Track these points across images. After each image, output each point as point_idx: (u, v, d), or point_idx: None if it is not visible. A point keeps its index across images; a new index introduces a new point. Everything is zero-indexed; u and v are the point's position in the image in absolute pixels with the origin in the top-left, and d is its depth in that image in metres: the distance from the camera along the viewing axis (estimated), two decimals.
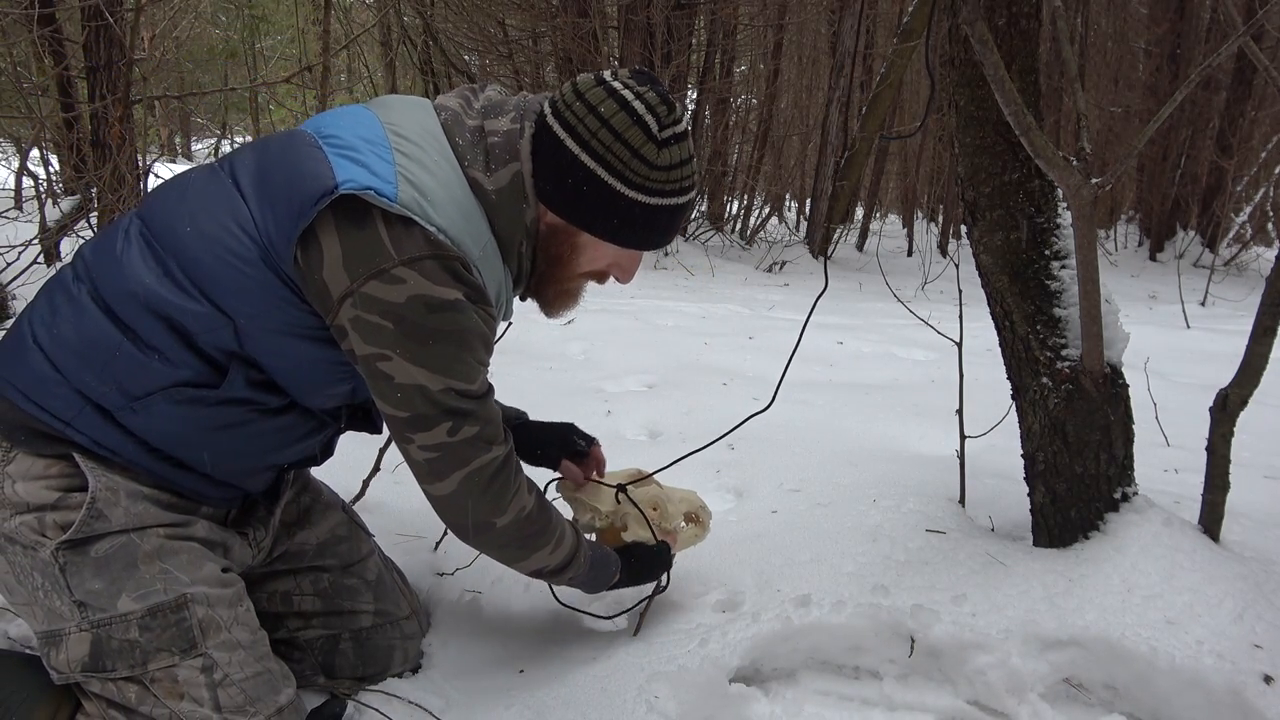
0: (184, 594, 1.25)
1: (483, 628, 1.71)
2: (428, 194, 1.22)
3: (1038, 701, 1.51)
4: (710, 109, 9.95)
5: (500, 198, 1.30)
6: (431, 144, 1.28)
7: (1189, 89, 1.52)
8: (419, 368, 1.24)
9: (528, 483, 1.42)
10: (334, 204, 1.19)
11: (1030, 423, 1.85)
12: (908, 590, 1.72)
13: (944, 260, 9.77)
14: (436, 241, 1.21)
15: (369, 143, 1.25)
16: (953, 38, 1.75)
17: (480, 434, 1.31)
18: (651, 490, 1.75)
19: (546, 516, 1.44)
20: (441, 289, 1.22)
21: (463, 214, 1.26)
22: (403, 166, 1.23)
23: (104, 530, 1.24)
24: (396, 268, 1.19)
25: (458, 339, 1.25)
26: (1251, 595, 1.61)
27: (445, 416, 1.27)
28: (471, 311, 1.26)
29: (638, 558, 1.65)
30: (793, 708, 1.53)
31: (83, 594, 1.23)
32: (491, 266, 1.32)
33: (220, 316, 1.24)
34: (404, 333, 1.22)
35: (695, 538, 1.80)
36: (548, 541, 1.45)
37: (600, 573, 1.58)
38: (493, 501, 1.35)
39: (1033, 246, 1.78)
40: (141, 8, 3.83)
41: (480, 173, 1.29)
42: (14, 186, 5.68)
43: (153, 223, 1.29)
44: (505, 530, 1.38)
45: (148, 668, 1.24)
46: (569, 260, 1.39)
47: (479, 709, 1.48)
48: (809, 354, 4.31)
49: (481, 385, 1.31)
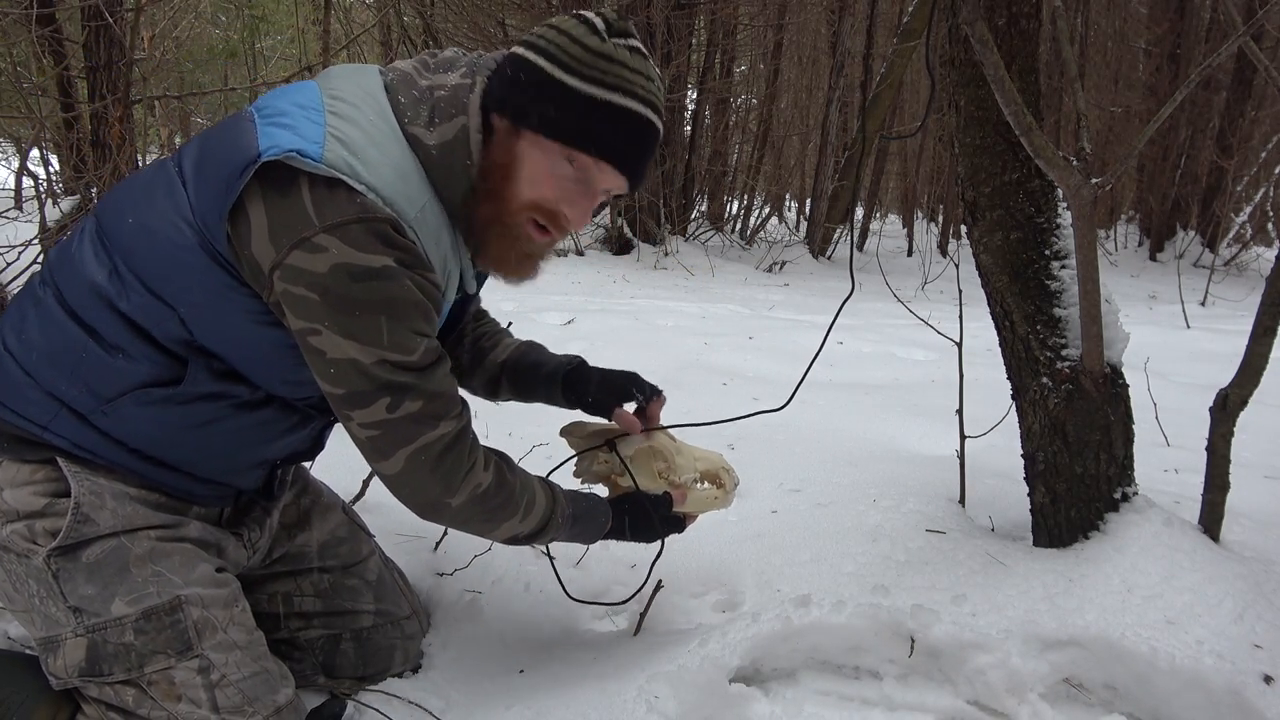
0: (178, 596, 1.25)
1: (483, 628, 1.71)
2: (358, 151, 1.16)
3: (1038, 701, 1.51)
4: (710, 109, 9.95)
5: (441, 152, 1.23)
6: (369, 103, 1.22)
7: (1189, 89, 1.52)
8: (349, 340, 1.17)
9: (485, 457, 1.35)
10: (260, 173, 1.14)
11: (1030, 423, 1.85)
12: (908, 590, 1.72)
13: (944, 260, 9.77)
14: (363, 203, 1.14)
15: (302, 108, 1.20)
16: (953, 38, 1.75)
17: (425, 410, 1.24)
18: (660, 441, 1.64)
19: (508, 488, 1.37)
20: (367, 255, 1.14)
21: (397, 172, 1.19)
22: (333, 126, 1.17)
23: (93, 534, 1.24)
24: (318, 235, 1.12)
25: (387, 308, 1.18)
26: (1251, 595, 1.61)
27: (382, 391, 1.21)
28: (404, 278, 1.18)
29: (632, 507, 1.57)
30: (793, 708, 1.53)
31: (76, 599, 1.23)
32: (432, 229, 1.24)
33: (164, 308, 1.22)
34: (330, 304, 1.15)
35: (714, 500, 1.66)
36: (513, 512, 1.39)
37: (586, 526, 1.52)
38: (443, 481, 1.29)
39: (1033, 246, 1.78)
40: (141, 8, 3.83)
41: (421, 128, 1.23)
42: (14, 186, 5.68)
43: (103, 219, 1.28)
44: (463, 509, 1.33)
45: (144, 671, 1.23)
46: (509, 178, 1.26)
47: (479, 709, 1.48)
48: (809, 354, 4.30)
49: (424, 357, 1.23)
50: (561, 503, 1.47)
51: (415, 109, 1.23)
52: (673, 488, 1.61)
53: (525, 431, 2.73)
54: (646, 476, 1.61)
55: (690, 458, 1.65)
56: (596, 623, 1.77)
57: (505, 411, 2.97)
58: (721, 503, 1.67)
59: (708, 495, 1.66)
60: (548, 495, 1.45)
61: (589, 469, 1.64)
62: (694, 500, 1.64)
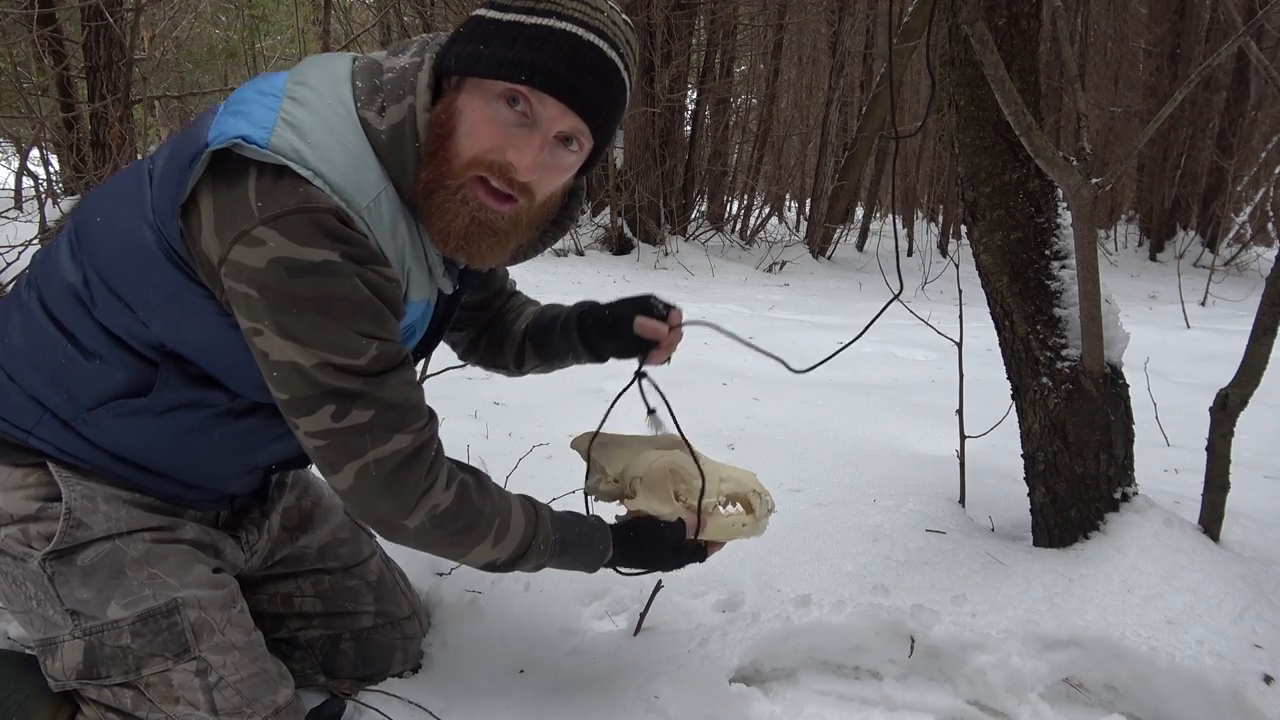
0: (174, 598, 1.24)
1: (483, 628, 1.70)
2: (308, 135, 1.08)
3: (1038, 701, 1.51)
4: (710, 109, 9.95)
5: (390, 136, 1.14)
6: (331, 87, 1.15)
7: (1189, 89, 1.52)
8: (288, 341, 1.09)
9: (448, 476, 1.24)
10: (212, 165, 1.08)
11: (1030, 423, 1.85)
12: (908, 590, 1.72)
13: (944, 260, 9.76)
14: (307, 192, 1.06)
15: (262, 94, 1.13)
16: (953, 38, 1.75)
17: (375, 420, 1.14)
18: (677, 460, 1.46)
19: (471, 512, 1.26)
20: (306, 249, 1.06)
21: (350, 159, 1.11)
22: (287, 111, 1.10)
23: (87, 538, 1.23)
24: (257, 227, 1.05)
25: (329, 307, 1.09)
26: (1251, 595, 1.61)
27: (327, 398, 1.12)
28: (350, 275, 1.09)
29: (637, 536, 1.42)
30: (793, 708, 1.53)
31: (73, 603, 1.22)
32: (387, 221, 1.15)
33: (128, 312, 1.18)
34: (269, 302, 1.08)
35: (742, 528, 1.47)
36: (481, 537, 1.27)
37: (580, 555, 1.39)
38: (395, 500, 1.19)
39: (1033, 246, 1.78)
40: (141, 8, 3.83)
41: (374, 113, 1.14)
42: (14, 186, 5.68)
43: (79, 222, 1.24)
44: (420, 532, 1.22)
45: (141, 673, 1.23)
46: (448, 142, 1.14)
47: (479, 709, 1.48)
48: (809, 354, 4.30)
49: (375, 362, 1.13)
50: (545, 530, 1.34)
51: (371, 95, 1.16)
52: (691, 513, 1.44)
53: (525, 431, 2.73)
54: (660, 499, 1.44)
55: (715, 478, 1.47)
56: (596, 623, 1.76)
57: (505, 411, 2.98)
58: (751, 530, 1.48)
59: (734, 522, 1.47)
60: (528, 521, 1.32)
61: (596, 486, 1.49)
62: (717, 527, 1.46)
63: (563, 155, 1.17)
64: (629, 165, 8.37)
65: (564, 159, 1.18)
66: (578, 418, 2.90)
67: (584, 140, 1.18)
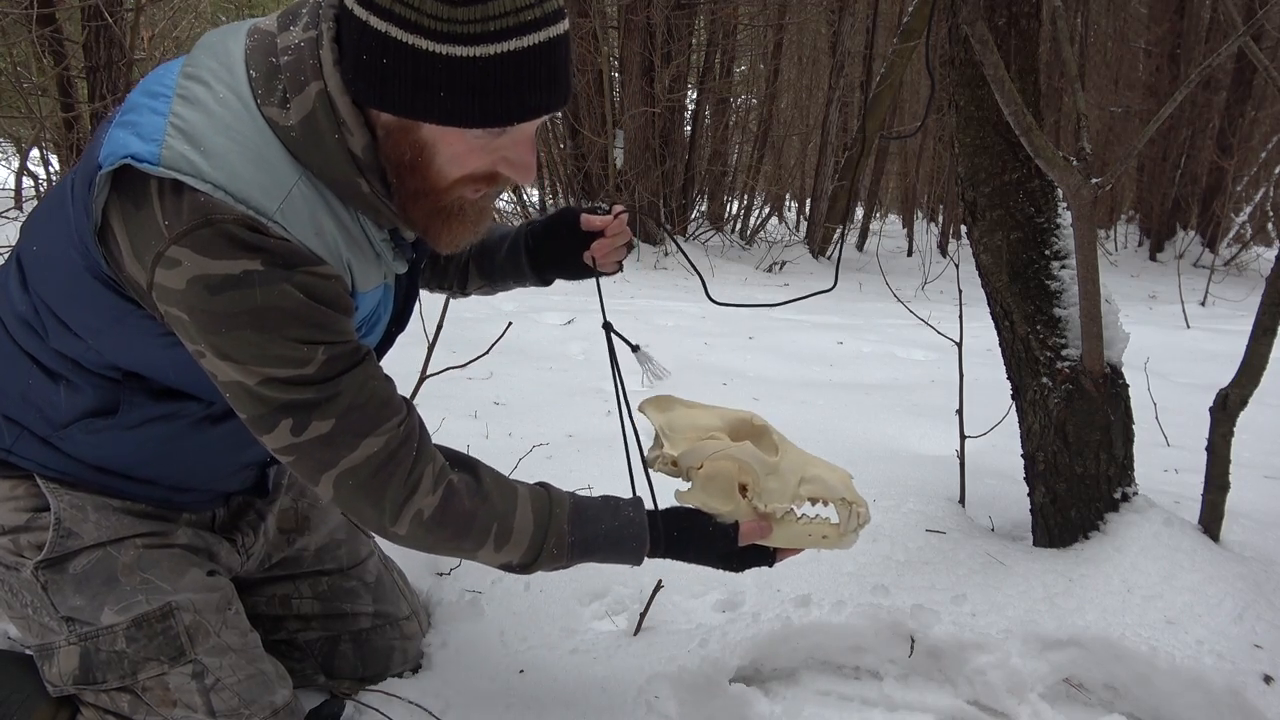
0: (168, 602, 1.23)
1: (483, 628, 1.70)
2: (201, 142, 0.99)
3: (1038, 701, 1.51)
4: (710, 109, 9.95)
5: (302, 132, 1.03)
6: (225, 76, 1.04)
7: (1189, 89, 1.52)
8: (225, 362, 1.04)
9: (437, 478, 1.16)
10: (115, 184, 1.01)
11: (1030, 423, 1.85)
12: (908, 590, 1.72)
13: (944, 260, 9.77)
14: (208, 204, 0.97)
15: (151, 96, 1.04)
16: (953, 38, 1.75)
17: (339, 429, 1.08)
18: (742, 453, 1.24)
19: (460, 517, 1.17)
20: (222, 263, 0.98)
21: (251, 160, 1.01)
22: (176, 115, 1.00)
23: (78, 546, 1.22)
24: (170, 248, 0.98)
25: (258, 320, 1.01)
26: (1251, 595, 1.61)
27: (281, 413, 1.06)
28: (277, 282, 1.01)
29: (681, 534, 1.27)
30: (793, 708, 1.53)
31: (67, 610, 1.22)
32: (305, 217, 1.05)
33: (75, 338, 1.15)
34: (199, 324, 1.02)
35: (822, 540, 1.27)
36: (479, 542, 1.19)
37: (610, 553, 1.26)
38: (377, 507, 1.13)
39: (1033, 246, 1.78)
40: (141, 8, 3.83)
41: (276, 108, 1.02)
42: (14, 186, 5.68)
43: (21, 250, 1.20)
44: (413, 538, 1.17)
45: (138, 677, 1.23)
46: (424, 168, 1.06)
47: (479, 709, 1.48)
48: (809, 354, 4.31)
49: (325, 367, 1.06)
50: (559, 532, 1.23)
51: (269, 85, 1.03)
52: (757, 516, 1.26)
53: (525, 431, 2.73)
54: (719, 496, 1.25)
55: (794, 476, 1.26)
56: (596, 623, 1.76)
57: (505, 411, 2.98)
58: (833, 543, 1.28)
59: (810, 531, 1.27)
60: (537, 524, 1.22)
61: (655, 461, 1.31)
62: (787, 534, 1.27)
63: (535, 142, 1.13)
64: (629, 165, 8.37)
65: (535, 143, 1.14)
66: (578, 418, 2.90)
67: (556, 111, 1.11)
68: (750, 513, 1.26)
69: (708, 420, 1.30)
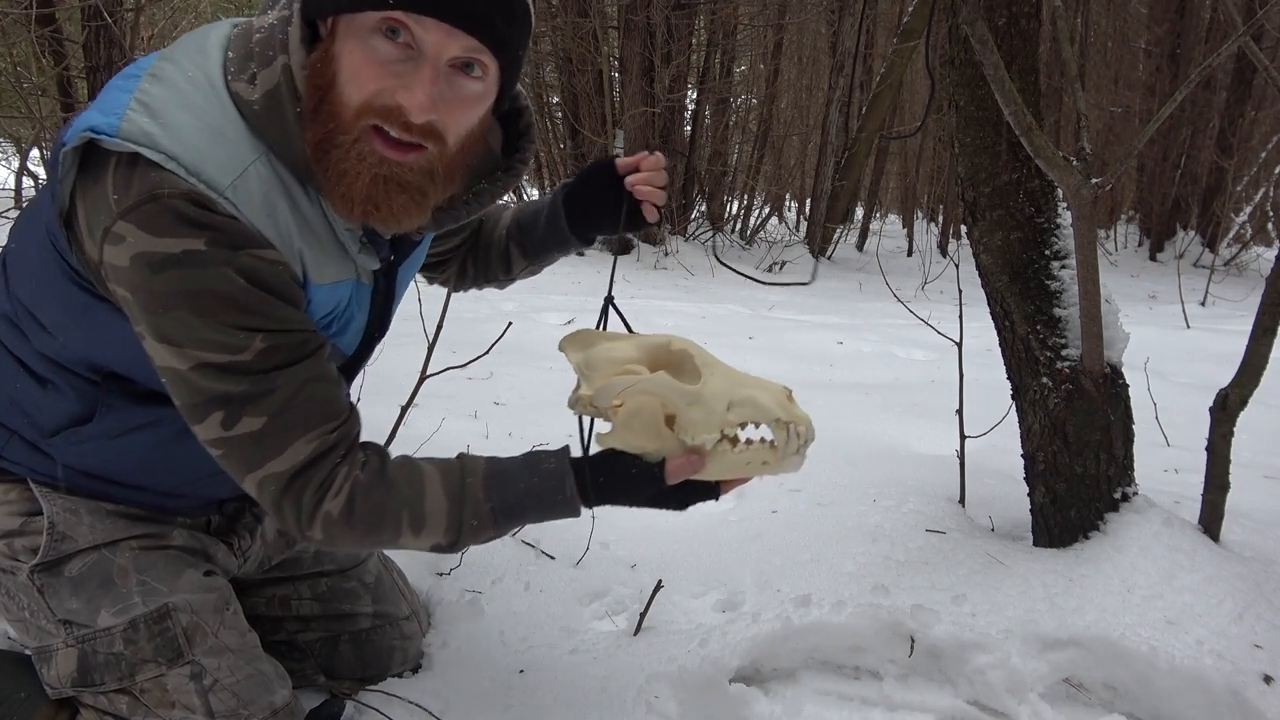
0: (165, 604, 1.23)
1: (483, 628, 1.70)
2: (161, 115, 0.98)
3: (1038, 701, 1.51)
4: (710, 109, 9.95)
5: (265, 105, 1.02)
6: (198, 59, 1.03)
7: (1189, 89, 1.52)
8: (162, 344, 1.01)
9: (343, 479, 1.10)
10: (81, 164, 1.00)
11: (1030, 423, 1.85)
12: (908, 590, 1.72)
13: (944, 260, 9.77)
14: (159, 177, 0.96)
15: (125, 78, 1.03)
16: (953, 38, 1.75)
17: (269, 428, 1.04)
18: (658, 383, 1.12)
19: (369, 512, 1.11)
20: (164, 240, 0.96)
21: (209, 135, 0.99)
22: (142, 91, 1.00)
23: (73, 550, 1.22)
24: (116, 223, 0.97)
25: (195, 301, 0.99)
26: (1251, 595, 1.61)
27: (213, 405, 1.03)
28: (217, 263, 0.98)
29: (606, 479, 1.16)
30: (793, 708, 1.53)
31: (64, 613, 1.22)
32: (258, 198, 1.02)
33: (51, 337, 1.14)
34: (141, 303, 1.00)
35: (763, 466, 1.15)
36: (395, 532, 1.13)
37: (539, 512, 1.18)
38: (295, 513, 1.09)
39: (1033, 246, 1.78)
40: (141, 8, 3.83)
41: (244, 84, 1.02)
42: (14, 186, 5.68)
43: (5, 252, 1.19)
44: (329, 540, 1.13)
45: (135, 679, 1.22)
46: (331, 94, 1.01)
47: (479, 709, 1.48)
48: (809, 354, 4.31)
49: (263, 357, 1.02)
50: (474, 501, 1.15)
51: (243, 64, 1.03)
52: (687, 450, 1.14)
53: (525, 431, 2.73)
54: (642, 433, 1.13)
55: (719, 402, 1.12)
56: (596, 623, 1.76)
57: (505, 411, 2.98)
58: (776, 467, 1.15)
59: (745, 459, 1.14)
60: (450, 500, 1.15)
61: (575, 403, 1.19)
62: (721, 466, 1.15)
63: (465, 85, 1.03)
64: None
65: (467, 89, 1.04)
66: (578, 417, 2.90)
67: (486, 63, 1.03)
68: (680, 448, 1.13)
69: (625, 352, 1.16)
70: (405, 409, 1.99)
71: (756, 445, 1.15)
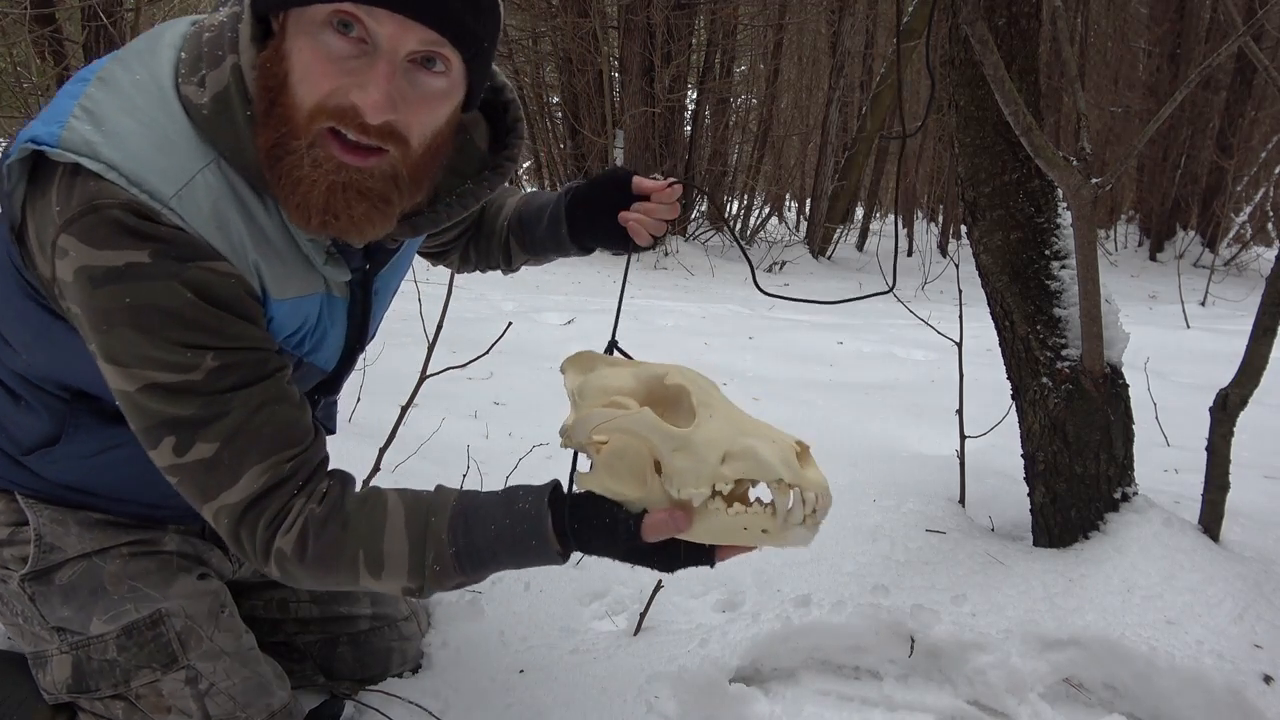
0: (158, 610, 1.22)
1: (483, 628, 1.70)
2: (105, 122, 0.93)
3: (1038, 701, 1.51)
4: (710, 109, 9.96)
5: (213, 109, 0.95)
6: (145, 60, 0.98)
7: (1189, 89, 1.52)
8: (108, 363, 0.96)
9: (296, 513, 1.02)
10: (30, 176, 0.96)
11: (1030, 423, 1.85)
12: (908, 590, 1.72)
13: (944, 260, 9.77)
14: (98, 188, 0.91)
15: (74, 83, 0.99)
16: (953, 38, 1.75)
17: (224, 453, 0.97)
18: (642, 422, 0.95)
19: (324, 547, 1.02)
20: (105, 254, 0.91)
21: (155, 143, 0.94)
22: (88, 97, 0.95)
23: (61, 559, 1.21)
24: (59, 236, 0.92)
25: (137, 318, 0.93)
26: (1251, 595, 1.61)
27: (164, 429, 0.97)
28: (163, 277, 0.92)
29: (581, 526, 1.02)
30: (793, 708, 1.53)
31: (56, 620, 1.21)
32: (206, 209, 0.96)
33: (11, 351, 1.11)
34: (87, 320, 0.95)
35: (761, 534, 0.96)
36: (354, 573, 1.03)
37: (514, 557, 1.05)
38: (250, 545, 1.02)
39: (1033, 246, 1.78)
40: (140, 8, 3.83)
41: (194, 87, 0.96)
42: None
43: None
44: (288, 579, 1.06)
45: (131, 685, 1.22)
46: (283, 96, 0.94)
47: (479, 709, 1.48)
48: (809, 354, 4.31)
49: (216, 376, 0.96)
50: (437, 543, 1.03)
51: (194, 65, 0.97)
52: (673, 505, 0.97)
53: (525, 431, 2.73)
54: (623, 476, 0.98)
55: (712, 450, 0.94)
56: (596, 623, 1.76)
57: (505, 411, 2.98)
58: (775, 538, 0.97)
59: (740, 524, 0.96)
60: (412, 543, 1.03)
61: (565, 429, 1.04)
62: (711, 528, 0.97)
63: (426, 81, 0.96)
64: (628, 165, 8.38)
65: (428, 86, 0.96)
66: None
67: (448, 56, 0.95)
68: (666, 500, 0.98)
69: (619, 381, 1.02)
70: (405, 409, 1.99)
71: (755, 508, 0.97)
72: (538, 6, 8.98)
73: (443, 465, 2.29)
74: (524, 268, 1.51)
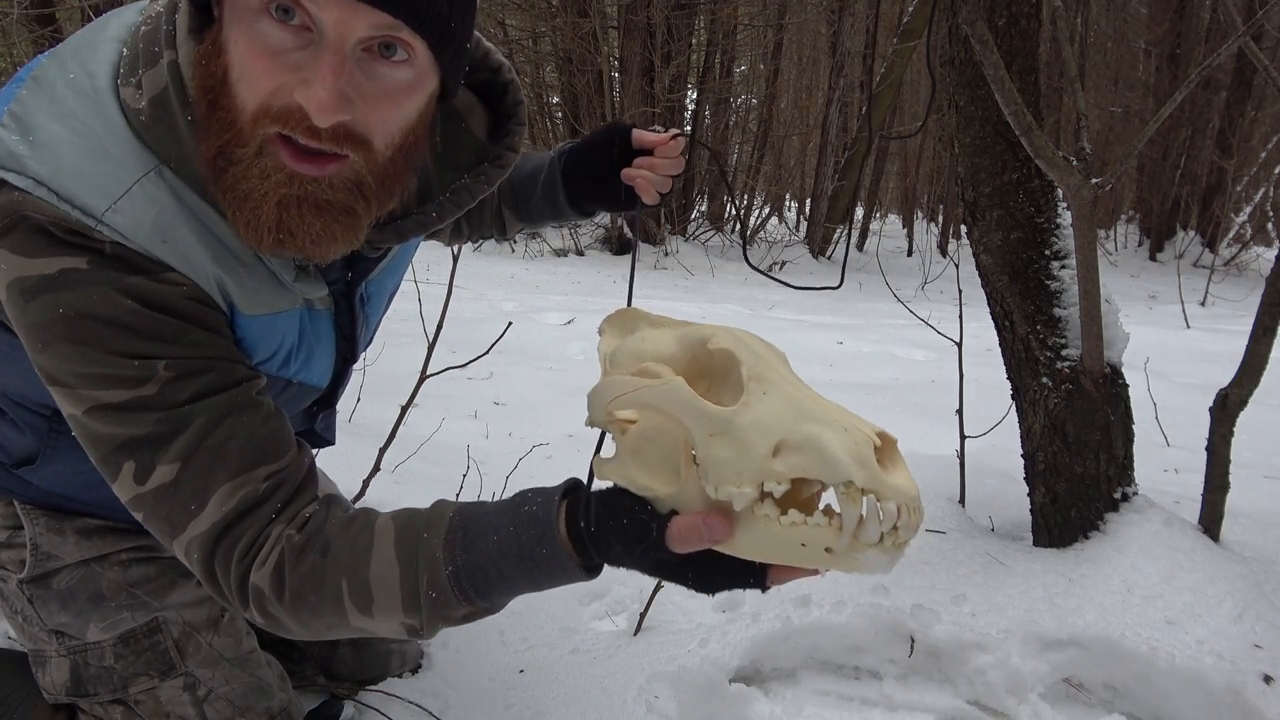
0: (155, 618, 1.21)
1: (483, 628, 1.70)
2: (34, 130, 0.83)
3: (1038, 701, 1.51)
4: (710, 109, 9.96)
5: (151, 114, 0.85)
6: (85, 57, 0.88)
7: (1189, 89, 1.52)
8: (50, 385, 0.85)
9: (271, 545, 0.87)
10: None
11: (1030, 423, 1.85)
12: (908, 590, 1.72)
13: (944, 260, 9.77)
14: (23, 199, 0.81)
15: (13, 82, 0.90)
16: (953, 38, 1.75)
17: (186, 473, 0.84)
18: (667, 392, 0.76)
19: (303, 579, 0.86)
20: (38, 261, 0.81)
21: (87, 152, 0.83)
22: (19, 101, 0.85)
23: (58, 566, 1.20)
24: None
25: (73, 329, 0.82)
26: (1251, 595, 1.61)
27: (121, 454, 0.85)
28: (99, 283, 0.82)
29: (599, 530, 0.81)
30: (793, 708, 1.53)
31: (54, 624, 1.21)
32: (148, 226, 0.84)
33: None
34: (26, 339, 0.85)
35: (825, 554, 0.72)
36: (340, 610, 0.87)
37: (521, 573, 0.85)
38: (223, 586, 0.88)
39: (1033, 246, 1.78)
40: None
41: (132, 89, 0.85)
42: None
43: None
44: (272, 625, 0.91)
45: (129, 691, 1.21)
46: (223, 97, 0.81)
47: (479, 709, 1.48)
48: (809, 354, 4.31)
49: (172, 387, 0.84)
50: (431, 564, 0.85)
51: (133, 62, 0.87)
52: (710, 506, 0.75)
53: (525, 431, 2.73)
54: (658, 466, 0.78)
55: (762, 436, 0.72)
56: (596, 623, 1.76)
57: (505, 411, 2.98)
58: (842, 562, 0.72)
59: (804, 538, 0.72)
60: (404, 560, 0.86)
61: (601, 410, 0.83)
62: (755, 538, 0.74)
63: (385, 73, 0.82)
64: None
65: (389, 78, 0.82)
66: (578, 417, 2.90)
67: (410, 43, 0.81)
68: (702, 499, 0.76)
69: (657, 345, 0.83)
70: (405, 409, 1.99)
71: (817, 518, 0.72)
72: (538, 6, 8.99)
73: (443, 465, 2.29)
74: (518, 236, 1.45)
